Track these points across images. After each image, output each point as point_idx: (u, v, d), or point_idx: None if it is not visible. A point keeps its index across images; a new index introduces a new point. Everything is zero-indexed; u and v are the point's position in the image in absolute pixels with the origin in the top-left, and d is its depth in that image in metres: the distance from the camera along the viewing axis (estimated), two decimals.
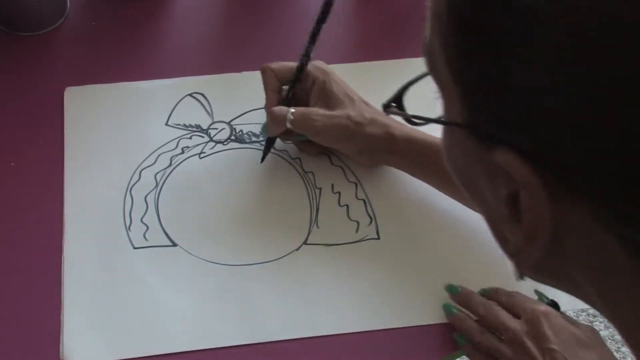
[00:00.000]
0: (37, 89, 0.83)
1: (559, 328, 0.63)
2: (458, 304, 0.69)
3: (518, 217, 0.34)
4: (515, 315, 0.65)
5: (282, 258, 0.73)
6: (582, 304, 0.43)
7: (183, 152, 0.79)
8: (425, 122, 0.41)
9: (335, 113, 0.73)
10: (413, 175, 0.75)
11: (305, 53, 0.74)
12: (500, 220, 0.37)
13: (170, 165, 0.78)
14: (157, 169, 0.78)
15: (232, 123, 0.81)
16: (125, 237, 0.74)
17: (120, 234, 0.74)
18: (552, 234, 0.34)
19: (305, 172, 0.78)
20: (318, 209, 0.76)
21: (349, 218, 0.76)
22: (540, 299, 0.69)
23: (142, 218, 0.75)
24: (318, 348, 0.69)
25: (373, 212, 0.76)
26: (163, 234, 0.74)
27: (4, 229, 0.73)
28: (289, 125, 0.73)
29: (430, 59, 0.36)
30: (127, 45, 0.87)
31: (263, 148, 0.78)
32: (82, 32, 0.88)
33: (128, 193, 0.76)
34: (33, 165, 0.77)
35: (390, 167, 0.77)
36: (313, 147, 0.77)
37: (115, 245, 0.73)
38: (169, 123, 0.81)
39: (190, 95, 0.83)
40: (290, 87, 0.75)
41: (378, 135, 0.73)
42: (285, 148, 0.80)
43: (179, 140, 0.80)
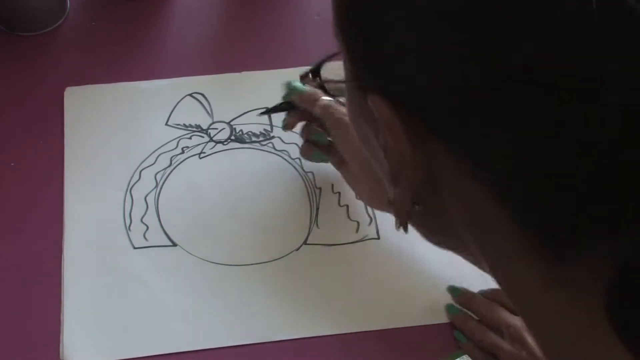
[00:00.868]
0: (37, 89, 0.83)
1: None
2: (460, 305, 0.70)
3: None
4: (515, 314, 0.67)
5: (282, 258, 0.73)
6: None
7: (183, 152, 0.79)
8: (335, 81, 0.45)
9: None
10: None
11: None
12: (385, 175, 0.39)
13: (170, 165, 0.78)
14: (157, 169, 0.78)
15: (232, 123, 0.81)
16: (125, 237, 0.74)
17: (120, 234, 0.74)
18: (429, 189, 0.35)
19: (305, 172, 0.78)
20: (318, 209, 0.76)
21: (349, 218, 0.76)
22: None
23: (142, 218, 0.75)
24: (318, 348, 0.69)
25: (373, 212, 0.76)
26: (163, 234, 0.74)
27: (4, 229, 0.73)
28: (317, 111, 0.68)
29: (334, 28, 0.39)
30: (127, 45, 0.87)
31: (273, 107, 0.74)
32: (82, 32, 0.88)
33: (128, 193, 0.76)
34: (33, 165, 0.77)
35: None
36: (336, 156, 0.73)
37: (115, 245, 0.73)
38: (169, 123, 0.81)
39: (190, 95, 0.83)
40: (271, 109, 0.74)
41: None
42: (286, 148, 0.80)
43: (179, 140, 0.80)
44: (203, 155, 0.79)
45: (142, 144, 0.79)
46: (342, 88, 0.52)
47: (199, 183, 0.77)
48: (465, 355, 0.67)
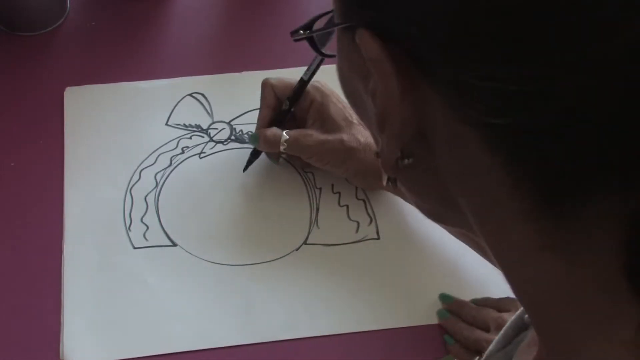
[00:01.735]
0: (37, 89, 0.83)
1: None
2: (452, 313, 0.70)
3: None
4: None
5: (282, 258, 0.73)
6: None
7: (183, 152, 0.79)
8: (322, 30, 0.42)
9: (329, 138, 0.73)
10: (406, 201, 0.75)
11: (309, 70, 0.73)
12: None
13: (170, 165, 0.78)
14: (157, 169, 0.78)
15: (232, 123, 0.81)
16: (125, 237, 0.74)
17: (120, 234, 0.74)
18: (420, 141, 0.33)
19: (305, 172, 0.78)
20: (318, 209, 0.76)
21: (349, 218, 0.76)
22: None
23: (142, 218, 0.75)
24: (318, 348, 0.69)
25: (373, 212, 0.76)
26: (163, 234, 0.74)
27: (4, 229, 0.73)
28: (282, 148, 0.73)
29: None
30: (127, 45, 0.87)
31: (249, 156, 0.77)
32: (82, 32, 0.88)
33: (128, 193, 0.76)
34: (33, 165, 0.77)
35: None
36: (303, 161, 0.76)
37: (115, 245, 0.73)
38: (169, 123, 0.81)
39: (190, 95, 0.83)
40: (289, 106, 0.75)
41: (371, 161, 0.73)
42: None
43: (179, 140, 0.80)
44: (203, 155, 0.79)
45: (142, 144, 0.79)
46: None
47: (199, 183, 0.77)
48: (454, 359, 0.68)
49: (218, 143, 0.80)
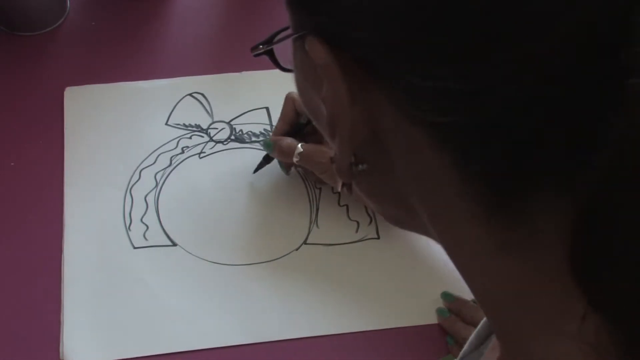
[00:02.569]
0: (37, 89, 0.83)
1: None
2: (452, 311, 0.70)
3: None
4: None
5: (282, 258, 0.73)
6: None
7: (183, 152, 0.79)
8: (277, 42, 0.43)
9: None
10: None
11: None
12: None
13: (170, 165, 0.78)
14: (157, 169, 0.78)
15: (232, 123, 0.81)
16: (125, 237, 0.74)
17: (120, 234, 0.74)
18: (374, 146, 0.34)
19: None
20: (318, 209, 0.76)
21: (349, 218, 0.76)
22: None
23: (142, 218, 0.75)
24: (318, 348, 0.69)
25: (373, 212, 0.76)
26: (163, 234, 0.74)
27: (4, 229, 0.73)
28: (295, 160, 0.73)
29: None
30: (127, 45, 0.87)
31: (261, 159, 0.77)
32: (82, 32, 0.88)
33: (128, 193, 0.76)
34: (33, 165, 0.77)
35: None
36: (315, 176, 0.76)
37: (115, 245, 0.73)
38: (169, 123, 0.81)
39: (190, 95, 0.83)
40: (307, 120, 0.74)
41: None
42: None
43: (179, 140, 0.80)
44: (203, 155, 0.79)
45: (142, 144, 0.79)
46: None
47: (199, 183, 0.77)
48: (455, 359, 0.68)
49: (218, 143, 0.80)
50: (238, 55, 0.86)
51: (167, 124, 0.81)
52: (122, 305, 0.70)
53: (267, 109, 0.82)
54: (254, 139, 0.80)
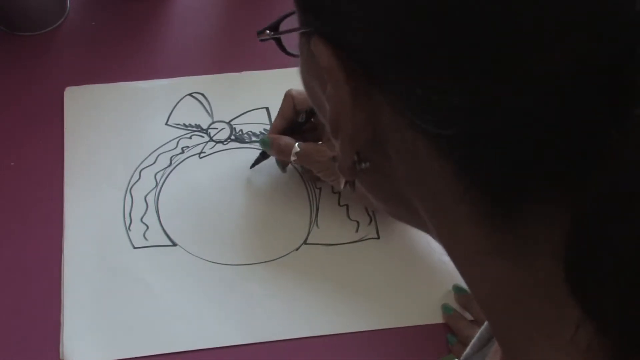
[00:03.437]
0: (37, 89, 0.83)
1: None
2: (459, 305, 0.70)
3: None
4: None
5: (282, 258, 0.73)
6: None
7: (183, 151, 0.79)
8: (285, 32, 0.43)
9: None
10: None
11: None
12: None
13: (170, 165, 0.78)
14: (157, 169, 0.78)
15: (232, 123, 0.81)
16: (125, 237, 0.74)
17: (120, 234, 0.74)
18: (376, 146, 0.34)
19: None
20: (318, 209, 0.76)
21: (349, 218, 0.76)
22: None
23: (142, 218, 0.75)
24: (318, 348, 0.69)
25: (373, 212, 0.76)
26: (163, 234, 0.74)
27: (4, 229, 0.73)
28: (293, 159, 0.73)
29: None
30: (127, 45, 0.87)
31: (258, 155, 0.77)
32: (82, 32, 0.88)
33: (128, 193, 0.76)
34: (33, 165, 0.77)
35: None
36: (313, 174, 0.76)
37: (115, 245, 0.73)
38: (169, 123, 0.81)
39: (190, 95, 0.83)
40: (305, 119, 0.75)
41: None
42: None
43: (179, 140, 0.80)
44: (203, 155, 0.79)
45: (142, 144, 0.79)
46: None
47: (199, 183, 0.77)
48: (456, 358, 0.68)
49: (218, 143, 0.80)
50: (238, 55, 0.86)
51: (167, 124, 0.81)
52: (122, 305, 0.70)
53: (267, 109, 0.82)
54: (254, 139, 0.80)
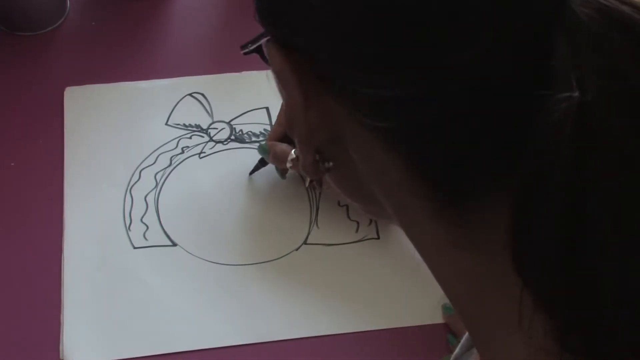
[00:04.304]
0: (37, 89, 0.83)
1: None
2: (447, 322, 0.70)
3: None
4: None
5: (282, 258, 0.73)
6: None
7: (183, 152, 0.79)
8: (253, 43, 0.43)
9: None
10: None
11: None
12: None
13: (170, 165, 0.78)
14: (157, 169, 0.78)
15: (232, 123, 0.81)
16: (125, 237, 0.74)
17: (120, 234, 0.74)
18: (337, 145, 0.35)
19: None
20: (318, 209, 0.76)
21: (349, 218, 0.76)
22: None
23: (142, 218, 0.75)
24: (318, 348, 0.69)
25: None
26: (163, 234, 0.74)
27: (4, 229, 0.73)
28: (288, 166, 0.72)
29: None
30: (127, 45, 0.87)
31: (257, 162, 0.77)
32: (82, 32, 0.88)
33: (128, 193, 0.76)
34: (33, 165, 0.77)
35: None
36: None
37: (115, 245, 0.73)
38: (169, 123, 0.81)
39: (190, 95, 0.83)
40: None
41: None
42: None
43: (179, 140, 0.80)
44: (203, 155, 0.79)
45: (142, 144, 0.79)
46: None
47: (199, 183, 0.77)
48: None
49: (218, 143, 0.80)
50: (238, 55, 0.85)
51: (167, 124, 0.81)
52: (122, 305, 0.70)
53: (267, 109, 0.82)
54: (254, 139, 0.80)
